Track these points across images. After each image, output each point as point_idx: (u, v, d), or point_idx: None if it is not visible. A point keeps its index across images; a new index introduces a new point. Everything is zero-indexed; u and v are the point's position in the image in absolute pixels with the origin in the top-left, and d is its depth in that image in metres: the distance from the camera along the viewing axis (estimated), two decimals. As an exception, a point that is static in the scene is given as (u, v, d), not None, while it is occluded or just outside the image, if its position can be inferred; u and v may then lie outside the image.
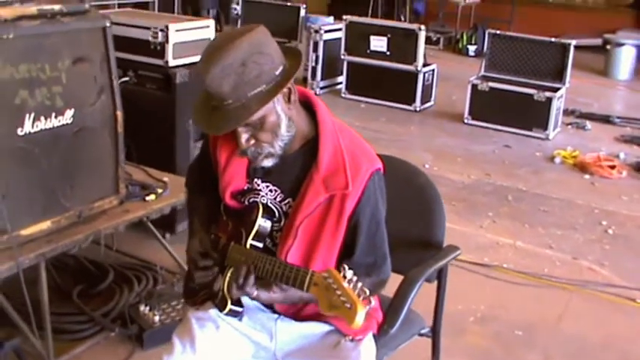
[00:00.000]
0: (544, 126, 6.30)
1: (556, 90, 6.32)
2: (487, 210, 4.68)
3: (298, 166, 1.86)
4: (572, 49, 6.36)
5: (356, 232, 1.84)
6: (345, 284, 1.54)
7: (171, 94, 3.53)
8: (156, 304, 3.00)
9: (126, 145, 2.90)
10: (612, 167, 5.55)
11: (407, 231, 2.23)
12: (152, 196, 3.02)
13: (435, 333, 2.31)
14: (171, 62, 3.53)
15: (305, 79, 7.54)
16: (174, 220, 3.63)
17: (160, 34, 3.50)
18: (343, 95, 7.20)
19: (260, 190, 1.91)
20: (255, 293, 1.75)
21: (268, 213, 1.89)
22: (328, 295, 1.56)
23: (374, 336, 1.95)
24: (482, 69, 6.78)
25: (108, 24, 2.70)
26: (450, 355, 2.50)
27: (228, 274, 1.89)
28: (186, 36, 3.57)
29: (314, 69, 7.26)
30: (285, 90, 1.74)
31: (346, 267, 1.57)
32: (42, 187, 2.58)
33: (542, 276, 3.81)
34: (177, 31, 3.52)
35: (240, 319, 1.94)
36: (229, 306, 1.89)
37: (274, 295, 1.76)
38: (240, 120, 1.70)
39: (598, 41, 9.88)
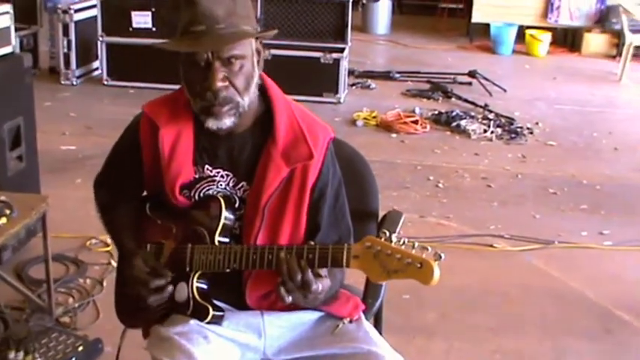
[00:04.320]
0: (335, 89, 6.78)
1: (341, 50, 6.82)
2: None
3: (250, 145, 1.95)
4: (350, 6, 6.89)
5: (319, 206, 1.95)
6: (397, 246, 1.66)
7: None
8: (30, 345, 2.85)
9: None
10: (415, 122, 6.19)
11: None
12: (3, 220, 2.84)
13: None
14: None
15: (54, 70, 7.22)
16: (-1, 248, 3.42)
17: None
18: (106, 82, 7.01)
19: (213, 177, 1.97)
20: (320, 287, 1.77)
21: (229, 204, 1.95)
22: (380, 262, 1.66)
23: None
24: (259, 36, 7.05)
25: None
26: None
27: (195, 281, 1.94)
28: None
29: (67, 56, 6.95)
30: (260, 48, 1.91)
31: (387, 232, 1.71)
32: None
33: (400, 238, 4.21)
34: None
35: (220, 324, 1.97)
36: (211, 312, 1.94)
37: (326, 282, 1.80)
38: (235, 38, 1.81)
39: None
